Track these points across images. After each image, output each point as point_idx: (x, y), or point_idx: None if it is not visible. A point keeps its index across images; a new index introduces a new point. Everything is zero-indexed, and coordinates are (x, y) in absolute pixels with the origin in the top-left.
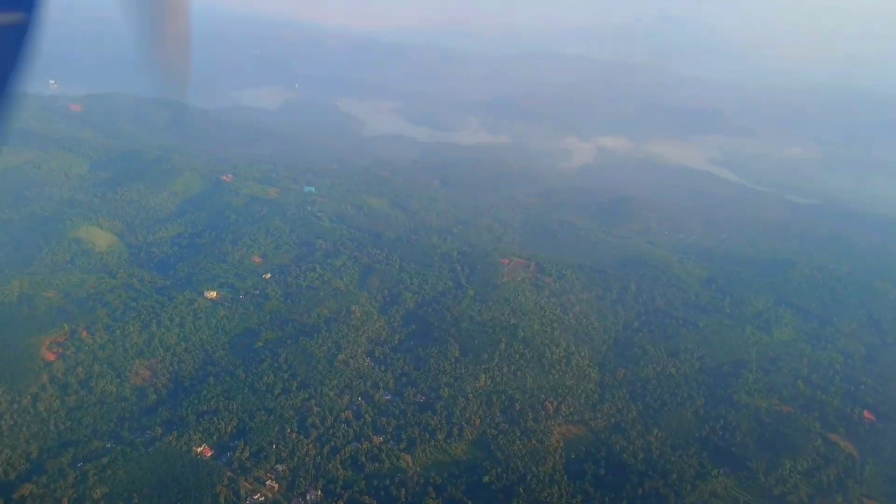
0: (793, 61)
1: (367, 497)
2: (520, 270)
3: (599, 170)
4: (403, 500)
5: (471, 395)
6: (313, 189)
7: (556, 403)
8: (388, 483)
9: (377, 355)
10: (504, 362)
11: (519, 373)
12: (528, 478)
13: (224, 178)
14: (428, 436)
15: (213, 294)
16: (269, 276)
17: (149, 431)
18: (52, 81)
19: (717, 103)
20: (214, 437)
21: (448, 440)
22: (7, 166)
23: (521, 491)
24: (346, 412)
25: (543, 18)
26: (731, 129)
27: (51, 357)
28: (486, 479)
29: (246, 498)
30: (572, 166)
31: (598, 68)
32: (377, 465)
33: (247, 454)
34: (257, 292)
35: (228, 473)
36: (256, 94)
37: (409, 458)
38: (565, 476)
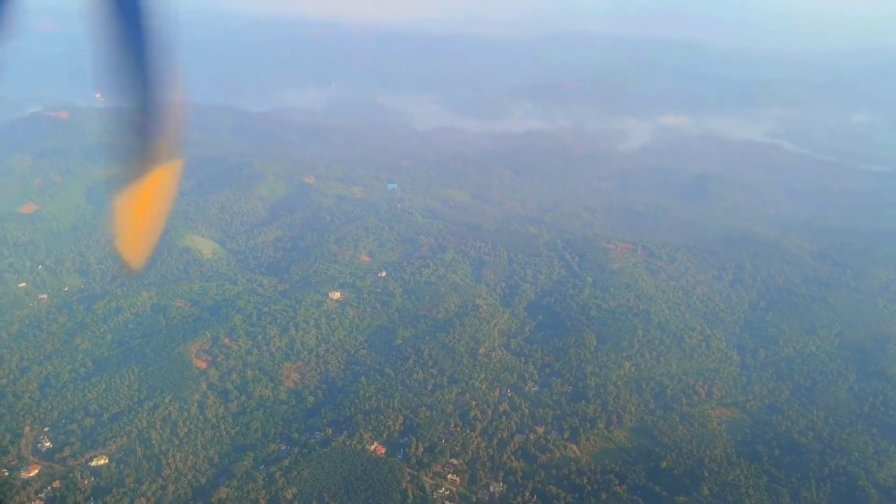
0: (834, 27)
1: (552, 487)
2: (628, 255)
3: (664, 149)
4: (587, 488)
5: (619, 383)
6: (396, 186)
7: (706, 387)
8: (565, 472)
9: (513, 347)
10: (645, 349)
11: (662, 358)
12: (707, 461)
13: (307, 179)
14: (588, 425)
15: (337, 295)
16: (384, 274)
17: (318, 433)
18: (97, 94)
19: (766, 74)
20: (384, 435)
21: (609, 428)
22: (98, 181)
23: (706, 474)
24: (503, 405)
25: None
26: (785, 100)
27: (202, 365)
28: (664, 464)
29: (432, 492)
30: (633, 147)
31: (633, 46)
32: (548, 455)
33: (421, 450)
34: (379, 290)
35: (408, 470)
36: (298, 94)
37: (575, 447)
38: (741, 458)
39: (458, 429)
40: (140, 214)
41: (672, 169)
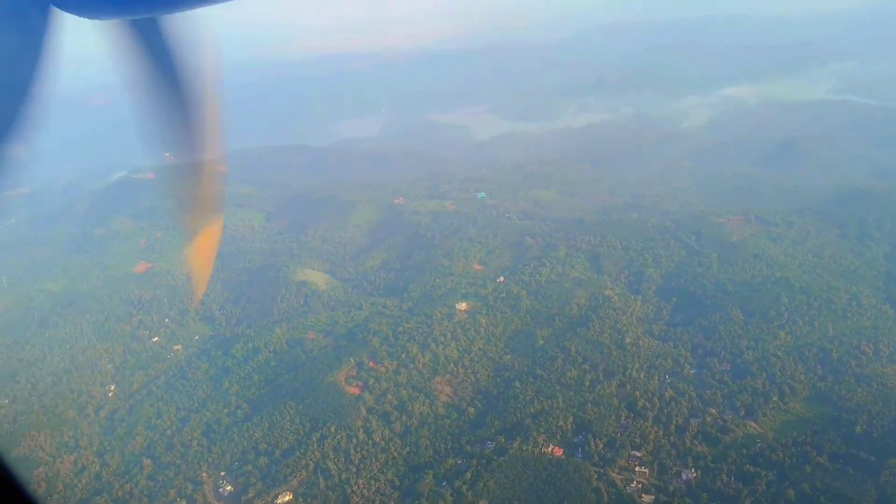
0: None
1: (748, 466)
2: (743, 226)
3: (729, 121)
4: (786, 462)
5: (779, 354)
6: (484, 195)
7: (872, 346)
8: (756, 449)
9: (657, 333)
10: (795, 315)
11: (815, 322)
12: None
13: (396, 201)
14: (762, 399)
15: (464, 306)
16: (502, 279)
17: (489, 442)
18: (166, 154)
19: (812, 36)
20: (558, 437)
21: (784, 400)
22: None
23: None
24: (668, 391)
25: None
26: (839, 56)
27: (355, 391)
28: (858, 429)
29: (624, 487)
30: (698, 124)
31: (672, 29)
32: (730, 435)
33: (600, 446)
34: (503, 296)
35: (593, 468)
36: (351, 125)
37: (754, 424)
38: None
39: (631, 421)
40: (200, 261)
41: (748, 138)
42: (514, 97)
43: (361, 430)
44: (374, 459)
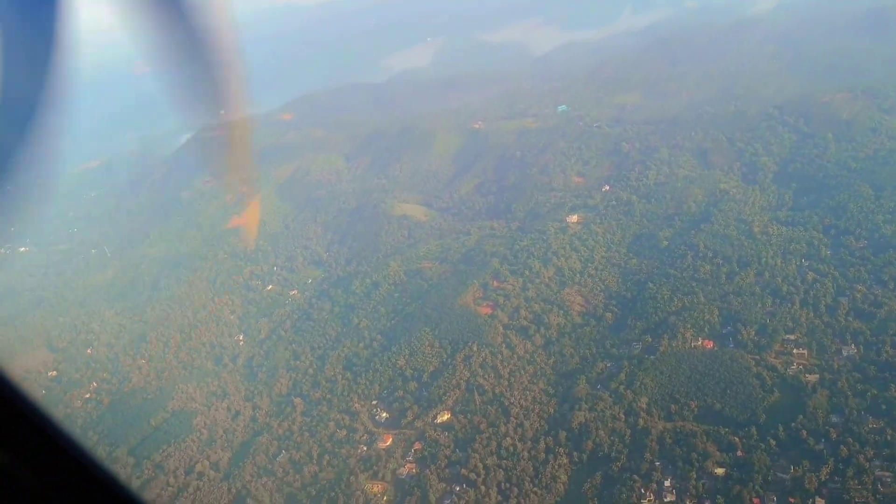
0: None
1: None
2: (851, 103)
3: (799, 1)
4: None
5: None
6: (566, 107)
7: None
8: None
9: (784, 219)
10: None
11: None
12: None
13: (475, 126)
14: None
15: (574, 218)
16: (608, 188)
17: (635, 343)
18: (221, 111)
19: None
20: (706, 330)
21: None
22: (280, 181)
23: None
24: (809, 274)
25: None
26: None
27: (487, 311)
28: None
29: (784, 370)
30: (767, 8)
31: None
32: (884, 309)
33: (752, 334)
34: (614, 203)
35: (749, 356)
36: (402, 57)
37: None
38: None
39: (777, 306)
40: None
41: (828, 14)
42: (563, 6)
43: (503, 345)
44: (522, 372)
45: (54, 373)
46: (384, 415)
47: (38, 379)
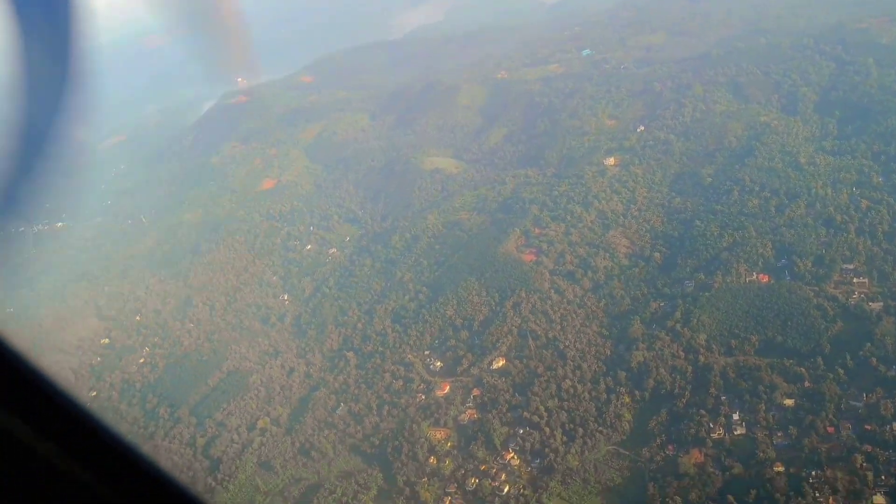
0: None
1: None
2: (891, 26)
3: None
4: None
5: None
6: (590, 51)
7: None
8: None
9: (829, 149)
10: None
11: None
12: None
13: (499, 76)
14: None
15: (611, 160)
16: (642, 128)
17: (687, 282)
18: (239, 79)
19: None
20: (760, 264)
21: None
22: (312, 139)
23: None
24: (863, 201)
25: None
26: None
27: (531, 257)
28: None
29: (846, 300)
30: None
31: None
32: None
33: (808, 266)
34: (651, 143)
35: (807, 288)
36: (413, 15)
37: None
38: None
39: (832, 236)
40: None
41: None
42: None
43: (551, 291)
44: (573, 316)
45: (106, 340)
46: (438, 364)
47: (91, 346)
